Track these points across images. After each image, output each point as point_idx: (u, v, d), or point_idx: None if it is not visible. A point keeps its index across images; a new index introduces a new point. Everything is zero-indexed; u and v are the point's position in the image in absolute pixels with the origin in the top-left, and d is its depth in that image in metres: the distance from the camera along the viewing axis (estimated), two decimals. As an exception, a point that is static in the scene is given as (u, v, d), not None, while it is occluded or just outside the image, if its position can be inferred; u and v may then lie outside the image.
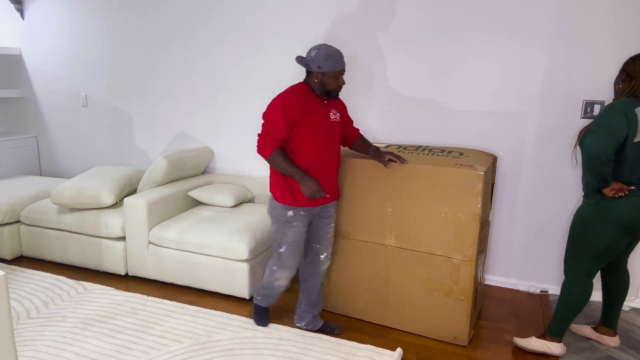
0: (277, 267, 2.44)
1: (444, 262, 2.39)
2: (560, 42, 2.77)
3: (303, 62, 2.26)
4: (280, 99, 2.21)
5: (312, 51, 2.22)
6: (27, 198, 3.52)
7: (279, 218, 2.33)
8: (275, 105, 2.20)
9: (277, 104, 2.19)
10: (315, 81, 2.24)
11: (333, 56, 2.20)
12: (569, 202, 2.92)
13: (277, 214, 2.33)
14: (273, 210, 2.36)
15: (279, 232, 2.36)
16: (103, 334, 2.50)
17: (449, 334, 2.46)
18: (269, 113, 2.23)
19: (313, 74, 2.23)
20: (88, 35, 3.98)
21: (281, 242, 2.37)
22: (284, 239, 2.35)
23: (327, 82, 2.22)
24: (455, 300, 2.40)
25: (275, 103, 2.21)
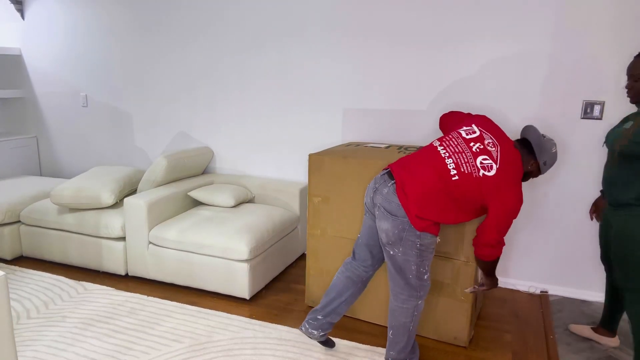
0: (422, 301, 2.13)
1: (444, 263, 2.39)
2: (560, 42, 2.77)
3: (538, 142, 2.00)
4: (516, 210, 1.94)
5: (552, 145, 2.02)
6: (27, 198, 3.52)
7: (429, 247, 2.04)
8: (511, 216, 1.94)
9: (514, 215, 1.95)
10: (528, 167, 2.02)
11: (554, 162, 2.09)
12: (569, 202, 2.92)
13: (425, 243, 2.02)
14: (418, 239, 2.00)
15: (427, 261, 2.07)
16: (103, 334, 2.50)
17: (449, 335, 2.46)
18: (513, 210, 1.93)
19: (534, 161, 2.01)
20: (88, 35, 3.98)
21: (427, 270, 2.09)
22: (428, 265, 2.10)
23: (529, 176, 2.06)
24: (456, 301, 2.40)
25: (512, 214, 1.94)
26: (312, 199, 2.70)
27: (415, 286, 2.08)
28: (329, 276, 2.72)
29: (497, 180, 1.91)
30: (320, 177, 2.64)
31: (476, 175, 1.93)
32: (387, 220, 2.01)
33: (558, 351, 2.43)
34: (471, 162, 1.95)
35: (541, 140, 2.00)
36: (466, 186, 1.94)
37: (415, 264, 2.03)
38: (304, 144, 3.50)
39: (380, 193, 2.05)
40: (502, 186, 1.92)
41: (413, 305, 2.10)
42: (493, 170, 1.92)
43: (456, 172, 1.95)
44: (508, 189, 1.92)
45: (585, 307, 2.89)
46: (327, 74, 3.32)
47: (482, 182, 1.92)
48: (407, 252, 2.02)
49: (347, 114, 3.32)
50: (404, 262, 2.04)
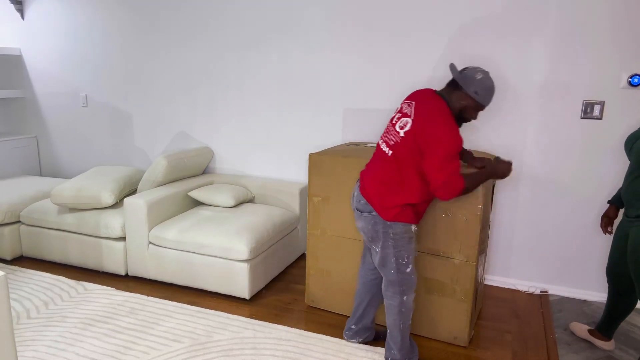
0: (407, 296, 2.12)
1: (444, 263, 2.39)
2: (560, 42, 2.77)
3: (457, 75, 2.00)
4: (451, 136, 1.93)
5: (476, 73, 1.97)
6: (27, 198, 3.52)
7: (403, 236, 2.06)
8: (452, 134, 1.93)
9: (454, 131, 1.94)
10: (460, 102, 1.99)
11: (493, 90, 2.00)
12: (569, 202, 2.92)
13: (398, 232, 2.05)
14: (390, 228, 2.05)
15: (404, 252, 2.08)
16: (103, 334, 2.50)
17: (449, 335, 2.46)
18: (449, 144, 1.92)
19: (462, 94, 1.98)
20: (88, 35, 3.98)
21: (408, 262, 2.09)
22: (410, 257, 2.09)
23: (469, 110, 2.01)
24: (456, 300, 2.40)
25: (451, 131, 1.93)
26: (312, 199, 2.70)
27: (398, 281, 2.11)
28: (329, 276, 2.72)
29: (415, 127, 1.96)
30: (320, 177, 2.64)
31: (400, 139, 2.01)
32: (360, 219, 2.14)
33: (558, 351, 2.43)
34: (392, 132, 2.06)
35: (461, 72, 2.01)
36: (401, 151, 2.00)
37: (394, 256, 2.08)
38: (304, 144, 3.50)
39: (354, 197, 2.20)
40: (426, 128, 1.95)
41: (398, 301, 2.14)
42: (409, 124, 1.99)
43: (388, 149, 2.06)
44: (430, 126, 1.94)
45: (585, 307, 2.89)
46: (327, 73, 3.32)
47: (407, 138, 1.98)
48: (384, 245, 2.08)
49: (348, 114, 3.32)
50: (384, 256, 2.10)
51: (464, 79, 1.98)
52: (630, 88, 2.69)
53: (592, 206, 2.89)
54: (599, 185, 2.85)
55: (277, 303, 2.88)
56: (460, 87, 1.99)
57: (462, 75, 1.99)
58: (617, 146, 2.78)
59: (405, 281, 2.12)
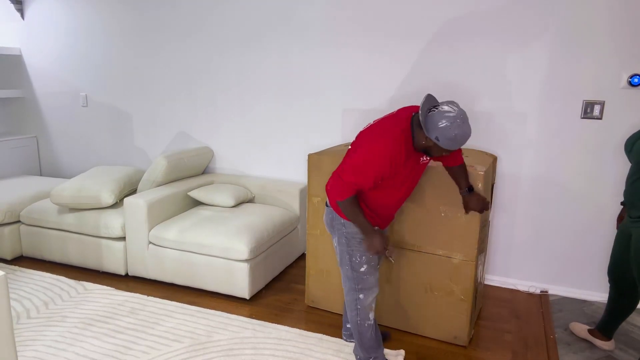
0: (363, 295, 2.12)
1: (444, 262, 2.39)
2: (560, 42, 2.77)
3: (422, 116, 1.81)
4: (385, 151, 1.86)
5: (442, 119, 1.76)
6: (27, 198, 3.52)
7: (355, 236, 2.06)
8: (378, 156, 1.86)
9: (382, 156, 1.86)
10: (422, 142, 1.88)
11: (458, 140, 1.78)
12: (569, 202, 2.92)
13: (351, 232, 2.06)
14: (343, 227, 2.07)
15: (357, 251, 2.07)
16: (103, 334, 2.50)
17: (449, 334, 2.46)
18: (367, 161, 1.88)
19: (423, 135, 1.85)
20: (88, 35, 3.98)
21: (361, 261, 2.08)
22: (364, 257, 2.08)
23: (433, 150, 1.91)
24: (456, 300, 2.40)
25: (379, 153, 1.86)
26: (311, 199, 2.70)
27: (352, 278, 2.12)
28: (328, 276, 2.72)
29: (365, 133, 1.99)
30: (319, 177, 2.64)
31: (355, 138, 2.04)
32: (325, 212, 2.18)
33: (558, 351, 2.43)
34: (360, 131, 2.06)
35: (426, 114, 1.81)
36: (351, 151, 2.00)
37: (348, 254, 2.09)
38: (304, 144, 3.50)
39: None
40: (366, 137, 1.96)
41: (354, 297, 2.14)
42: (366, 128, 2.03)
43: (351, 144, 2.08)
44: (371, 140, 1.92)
45: (585, 307, 2.89)
46: (328, 73, 3.32)
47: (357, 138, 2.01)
48: (339, 242, 2.11)
49: (348, 114, 3.32)
50: (339, 252, 2.13)
51: (425, 123, 1.81)
52: (630, 88, 2.69)
53: (592, 206, 2.89)
54: (599, 185, 2.85)
55: (277, 303, 2.88)
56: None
57: (425, 119, 1.81)
58: (617, 146, 2.78)
59: (360, 280, 2.11)
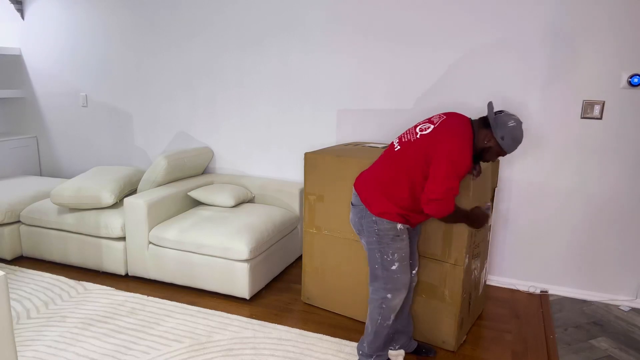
0: (391, 295, 2.08)
1: (433, 265, 2.36)
2: (561, 41, 2.77)
3: (491, 115, 1.96)
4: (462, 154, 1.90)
5: (510, 119, 1.93)
6: (27, 198, 3.52)
7: (387, 233, 2.04)
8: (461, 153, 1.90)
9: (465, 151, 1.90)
10: (484, 142, 1.97)
11: (519, 142, 1.95)
12: (569, 201, 2.93)
13: (384, 229, 2.04)
14: (375, 224, 2.05)
15: (388, 248, 2.05)
16: (103, 334, 2.50)
17: (437, 338, 2.43)
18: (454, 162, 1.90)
19: (489, 134, 1.95)
20: (88, 35, 3.98)
21: (393, 259, 2.06)
22: (396, 255, 2.06)
23: (490, 152, 1.99)
24: (445, 304, 2.36)
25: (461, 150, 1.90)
26: (307, 197, 2.70)
27: (382, 277, 2.09)
28: (324, 274, 2.73)
29: (435, 133, 1.96)
30: (315, 176, 2.65)
31: (414, 139, 2.02)
32: (352, 212, 2.16)
33: (558, 351, 2.43)
34: (412, 131, 2.07)
35: (495, 114, 1.97)
36: (409, 151, 2.00)
37: (379, 251, 2.06)
38: (305, 144, 3.50)
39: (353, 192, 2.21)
40: (441, 137, 1.94)
41: (381, 296, 2.10)
42: (430, 129, 2.00)
43: (398, 143, 2.08)
44: (447, 140, 1.92)
45: (585, 307, 2.89)
46: (328, 73, 3.32)
47: (421, 140, 1.99)
48: (369, 240, 2.08)
49: (349, 114, 3.32)
50: (369, 250, 2.11)
51: (495, 120, 1.94)
52: (630, 88, 2.69)
53: (592, 206, 2.89)
54: (599, 185, 2.85)
55: (277, 303, 2.88)
56: (489, 127, 1.97)
57: (495, 117, 1.95)
58: (617, 146, 2.78)
59: (390, 279, 2.08)
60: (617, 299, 2.93)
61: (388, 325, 2.14)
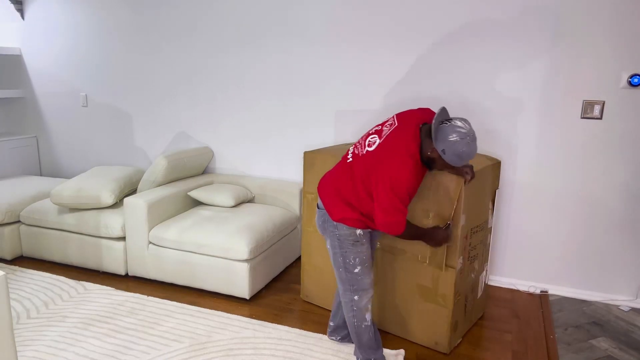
0: (358, 296, 2.12)
1: (424, 268, 2.35)
2: (561, 42, 2.77)
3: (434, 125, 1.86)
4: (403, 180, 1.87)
5: (453, 132, 1.81)
6: (27, 198, 3.52)
7: (346, 238, 2.07)
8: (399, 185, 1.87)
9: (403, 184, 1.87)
10: (428, 152, 1.91)
11: (464, 157, 1.84)
12: (569, 201, 2.92)
13: (344, 234, 2.06)
14: (335, 229, 2.08)
15: (349, 253, 2.08)
16: (103, 334, 2.50)
17: (430, 340, 2.42)
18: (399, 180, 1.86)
19: (431, 145, 1.88)
20: (88, 35, 3.98)
21: (355, 263, 2.09)
22: (358, 259, 2.09)
23: (437, 164, 1.93)
24: (438, 306, 2.35)
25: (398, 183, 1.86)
26: (306, 196, 2.71)
27: (347, 279, 2.12)
28: (322, 272, 2.73)
29: (377, 151, 1.95)
30: (313, 175, 2.65)
31: (362, 154, 2.02)
32: (316, 214, 2.19)
33: (558, 351, 2.43)
34: (362, 143, 2.07)
35: (437, 125, 1.85)
36: (357, 164, 2.01)
37: (341, 255, 2.09)
38: (305, 144, 3.50)
39: None
40: (381, 157, 1.92)
41: (349, 298, 2.14)
42: (375, 145, 1.98)
43: (351, 155, 2.08)
44: (386, 162, 1.89)
45: (585, 307, 2.89)
46: (328, 74, 3.31)
47: (366, 158, 1.99)
48: (332, 244, 2.11)
49: (349, 114, 3.32)
50: (332, 254, 2.14)
51: (436, 132, 1.84)
52: (630, 88, 2.69)
53: (592, 206, 2.89)
54: (598, 185, 2.85)
55: (277, 303, 2.88)
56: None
57: (438, 128, 1.85)
58: (617, 146, 2.78)
59: (354, 281, 2.11)
60: (617, 299, 2.93)
61: (367, 326, 2.17)
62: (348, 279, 2.12)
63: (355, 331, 2.18)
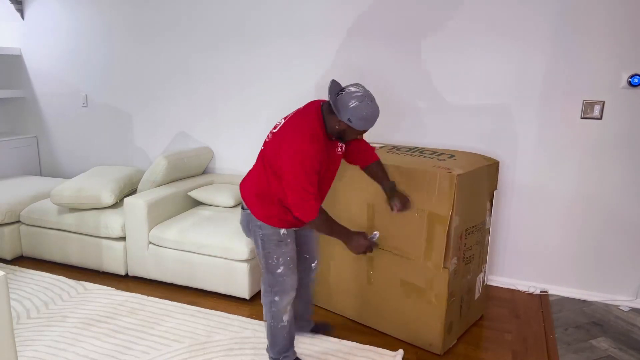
0: (278, 297, 2.09)
1: (417, 268, 2.34)
2: (560, 41, 2.77)
3: (332, 100, 1.86)
4: (306, 153, 1.84)
5: (351, 99, 1.81)
6: (27, 198, 3.52)
7: (270, 238, 2.03)
8: (303, 159, 1.84)
9: (307, 158, 1.84)
10: (336, 127, 1.90)
11: (370, 118, 1.84)
12: (569, 201, 2.92)
13: (267, 234, 2.03)
14: (259, 229, 2.03)
15: (273, 253, 2.04)
16: (103, 334, 2.50)
17: (424, 341, 2.40)
18: (303, 162, 1.84)
19: (336, 119, 1.88)
20: (88, 35, 3.98)
21: (278, 263, 2.05)
22: (281, 259, 2.05)
23: (348, 133, 1.91)
24: (431, 307, 2.33)
25: (301, 157, 1.84)
26: None
27: (268, 280, 2.10)
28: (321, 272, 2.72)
29: (280, 132, 1.94)
30: None
31: (269, 139, 2.00)
32: (240, 214, 2.14)
33: (558, 351, 2.43)
34: (271, 130, 2.04)
35: (335, 98, 1.86)
36: (267, 151, 1.99)
37: (264, 256, 2.07)
38: (304, 144, 3.49)
39: None
40: (284, 136, 1.91)
41: (269, 300, 2.12)
42: (279, 127, 1.98)
43: (263, 144, 2.06)
44: (288, 139, 1.88)
45: (585, 307, 2.89)
46: (328, 74, 3.31)
47: (272, 140, 1.97)
48: (256, 244, 2.09)
49: (347, 114, 3.32)
50: (256, 253, 2.12)
51: (336, 105, 1.84)
52: (630, 88, 2.69)
53: (591, 206, 2.89)
54: (598, 185, 2.85)
55: (277, 303, 2.88)
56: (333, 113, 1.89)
57: (335, 101, 1.85)
58: (617, 146, 2.78)
59: (276, 282, 2.07)
60: (617, 299, 2.93)
61: (283, 327, 2.15)
62: (269, 279, 2.09)
63: (271, 332, 2.17)
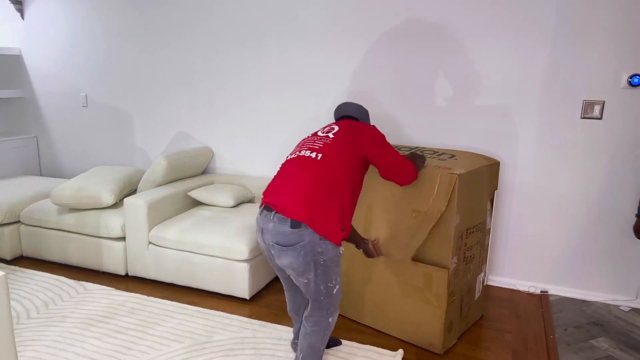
0: (332, 318, 1.98)
1: (417, 268, 2.33)
2: (560, 42, 2.77)
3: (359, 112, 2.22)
4: None
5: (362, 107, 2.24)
6: (27, 198, 3.52)
7: (333, 258, 1.88)
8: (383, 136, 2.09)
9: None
10: None
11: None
12: (569, 201, 2.93)
13: (333, 255, 1.87)
14: (321, 256, 1.84)
15: (334, 275, 1.91)
16: (103, 334, 2.50)
17: (424, 340, 2.40)
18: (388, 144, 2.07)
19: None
20: (88, 35, 3.98)
21: (335, 283, 1.93)
22: (338, 278, 1.94)
23: None
24: (431, 307, 2.33)
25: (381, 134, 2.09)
26: None
27: (326, 304, 1.94)
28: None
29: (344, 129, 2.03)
30: None
31: (329, 140, 1.98)
32: (286, 254, 1.84)
33: (558, 351, 2.43)
34: (315, 140, 2.02)
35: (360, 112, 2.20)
36: (330, 154, 1.91)
37: (324, 283, 1.89)
38: (304, 144, 3.49)
39: (268, 231, 1.88)
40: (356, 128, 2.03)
41: (325, 324, 1.96)
42: (335, 129, 2.04)
43: (316, 154, 1.93)
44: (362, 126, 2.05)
45: (585, 307, 2.89)
46: (328, 74, 3.31)
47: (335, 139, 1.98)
48: (316, 274, 1.87)
49: (347, 114, 3.32)
50: (315, 286, 1.90)
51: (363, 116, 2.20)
52: (630, 88, 2.69)
53: (591, 206, 2.89)
54: (598, 185, 2.85)
55: (277, 303, 2.88)
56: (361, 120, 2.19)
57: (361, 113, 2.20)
58: (617, 146, 2.78)
59: (332, 303, 1.95)
60: (617, 299, 2.93)
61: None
62: (327, 304, 1.93)
63: (320, 356, 2.02)
